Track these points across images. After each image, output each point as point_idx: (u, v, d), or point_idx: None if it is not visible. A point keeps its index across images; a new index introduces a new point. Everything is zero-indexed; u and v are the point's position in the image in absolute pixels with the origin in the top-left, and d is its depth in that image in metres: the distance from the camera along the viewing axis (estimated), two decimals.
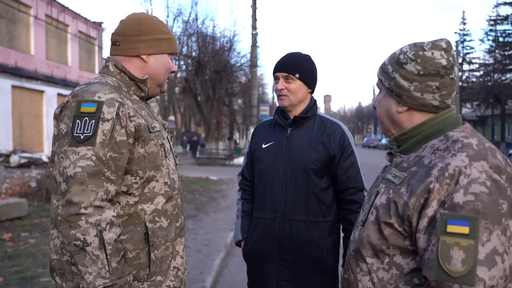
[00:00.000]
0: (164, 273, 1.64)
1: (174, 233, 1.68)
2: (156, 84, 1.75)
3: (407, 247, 1.19)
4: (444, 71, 1.24)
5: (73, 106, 1.49)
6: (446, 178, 1.11)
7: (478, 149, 1.16)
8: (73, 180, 1.41)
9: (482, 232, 1.04)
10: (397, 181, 1.25)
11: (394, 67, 1.30)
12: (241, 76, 28.13)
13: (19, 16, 20.23)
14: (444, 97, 1.26)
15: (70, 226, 1.40)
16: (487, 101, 40.06)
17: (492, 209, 1.06)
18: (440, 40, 1.28)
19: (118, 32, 1.69)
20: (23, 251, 5.24)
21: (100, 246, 1.40)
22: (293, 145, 2.22)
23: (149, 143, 1.59)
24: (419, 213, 1.14)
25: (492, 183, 1.09)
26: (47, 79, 21.66)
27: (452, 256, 1.04)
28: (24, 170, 14.62)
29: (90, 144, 1.43)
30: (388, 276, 1.22)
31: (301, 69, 2.21)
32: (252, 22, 20.54)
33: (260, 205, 2.28)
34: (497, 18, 40.08)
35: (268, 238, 2.23)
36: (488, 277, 1.02)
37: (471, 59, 46.13)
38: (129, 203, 1.56)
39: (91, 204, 1.41)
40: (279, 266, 2.21)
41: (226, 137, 36.53)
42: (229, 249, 6.00)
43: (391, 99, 1.33)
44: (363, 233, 1.30)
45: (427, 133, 1.27)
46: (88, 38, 26.71)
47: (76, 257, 1.40)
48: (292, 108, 2.25)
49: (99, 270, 1.40)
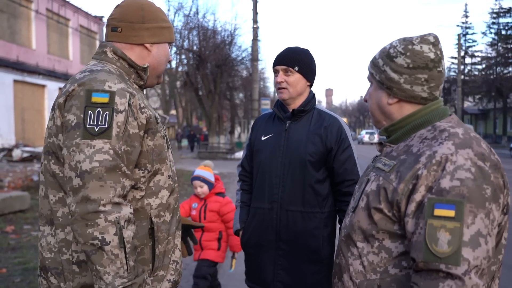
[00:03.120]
0: (166, 267, 1.59)
1: (175, 227, 1.63)
2: (156, 74, 1.68)
3: (396, 232, 1.24)
4: (432, 64, 1.30)
5: (82, 96, 1.38)
6: (433, 164, 1.17)
7: (464, 138, 1.22)
8: (90, 176, 1.31)
9: (467, 215, 1.10)
10: (386, 168, 1.30)
11: (384, 60, 1.36)
12: (242, 70, 28.15)
13: (20, 10, 20.23)
14: (432, 89, 1.32)
15: (87, 224, 1.30)
16: (489, 95, 39.96)
17: (476, 194, 1.12)
18: (428, 34, 1.33)
19: (119, 18, 1.58)
20: (26, 243, 5.31)
21: (120, 245, 1.32)
22: (291, 138, 2.26)
23: (156, 135, 1.52)
24: (408, 198, 1.20)
25: (477, 170, 1.15)
26: (48, 73, 21.69)
27: (438, 238, 1.10)
28: (27, 164, 14.69)
29: (106, 137, 1.34)
30: (378, 260, 1.28)
31: (300, 62, 2.25)
32: (253, 15, 20.50)
33: (258, 196, 2.32)
34: (500, 11, 39.89)
35: (265, 227, 2.28)
36: (472, 257, 1.08)
37: (473, 52, 45.96)
38: (136, 198, 1.49)
39: (110, 200, 1.32)
40: (276, 255, 2.26)
41: (228, 131, 36.57)
42: None
43: (381, 92, 1.38)
44: (353, 219, 1.35)
45: (416, 123, 1.33)
46: (89, 32, 26.70)
47: (93, 257, 1.31)
48: (291, 101, 2.29)
49: (117, 270, 1.32)
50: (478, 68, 44.64)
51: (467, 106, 48.61)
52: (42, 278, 1.52)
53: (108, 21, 1.62)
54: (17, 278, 4.14)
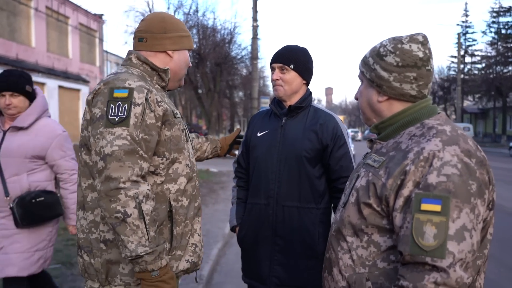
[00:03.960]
0: (184, 248, 1.78)
1: (193, 212, 1.82)
2: (177, 78, 1.91)
3: (385, 226, 1.27)
4: (421, 62, 1.33)
5: (106, 92, 1.62)
6: (421, 161, 1.20)
7: (451, 135, 1.25)
8: (111, 158, 1.52)
9: (453, 210, 1.13)
10: (376, 164, 1.33)
11: (374, 59, 1.39)
12: (242, 69, 28.12)
13: (19, 8, 20.22)
14: (421, 87, 1.35)
15: (111, 200, 1.50)
16: (488, 94, 39.96)
17: (462, 189, 1.15)
18: (417, 34, 1.36)
19: (144, 29, 1.82)
20: None
21: (140, 216, 1.51)
22: (287, 134, 2.29)
23: (173, 127, 1.73)
24: (396, 193, 1.23)
25: (463, 166, 1.18)
26: (48, 71, 21.69)
27: (425, 231, 1.13)
28: None
29: (124, 125, 1.55)
30: (367, 254, 1.31)
31: (296, 60, 2.28)
32: (253, 14, 20.47)
33: (254, 192, 2.34)
34: (500, 10, 39.88)
35: (261, 223, 2.29)
36: (457, 250, 1.11)
37: (473, 52, 45.95)
38: (156, 183, 1.69)
39: (129, 179, 1.52)
40: (272, 251, 2.28)
41: (227, 130, 36.57)
42: (227, 239, 6.08)
43: (372, 90, 1.42)
44: (344, 214, 1.38)
45: (405, 121, 1.36)
46: (88, 30, 26.68)
47: (117, 228, 1.51)
48: (287, 98, 2.32)
49: (139, 239, 1.51)
50: (478, 67, 44.61)
51: (466, 105, 48.60)
52: (79, 256, 1.76)
53: (135, 33, 1.86)
54: None
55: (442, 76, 50.77)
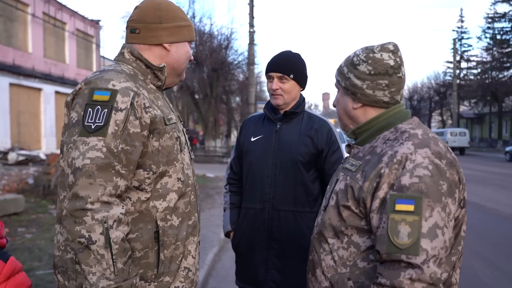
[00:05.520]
0: (173, 273, 1.55)
1: (186, 232, 1.59)
2: (176, 74, 1.67)
3: (363, 227, 1.32)
4: (392, 70, 1.39)
5: (86, 94, 1.40)
6: (394, 163, 1.26)
7: (423, 138, 1.32)
8: (80, 173, 1.31)
9: (425, 209, 1.19)
10: (353, 168, 1.39)
11: (349, 68, 1.45)
12: (238, 74, 28.19)
13: (16, 14, 20.25)
14: (393, 93, 1.41)
15: (75, 221, 1.30)
16: (484, 99, 40.20)
17: (433, 189, 1.21)
18: (388, 43, 1.43)
19: (137, 19, 1.58)
20: (20, 246, 5.33)
21: (105, 245, 1.30)
22: (283, 139, 2.31)
23: (164, 136, 1.50)
24: (372, 195, 1.28)
25: (434, 167, 1.24)
26: (44, 77, 21.69)
27: (399, 231, 1.18)
28: (22, 167, 14.67)
29: (101, 135, 1.34)
30: (347, 254, 1.35)
31: (295, 69, 2.30)
32: (250, 20, 20.55)
33: (249, 196, 2.35)
34: (495, 16, 40.18)
35: (257, 227, 2.31)
36: (430, 247, 1.16)
37: (468, 57, 46.25)
38: (141, 199, 1.47)
39: (98, 199, 1.31)
40: (268, 255, 2.29)
41: (224, 135, 36.58)
42: (222, 244, 6.09)
43: (347, 97, 1.48)
44: (325, 216, 1.43)
45: (380, 126, 1.42)
46: (85, 36, 26.72)
47: (79, 255, 1.30)
48: (284, 106, 2.34)
49: (103, 271, 1.29)
50: (473, 73, 44.89)
51: (462, 110, 48.80)
52: (55, 275, 1.53)
53: (128, 23, 1.62)
54: None
55: (438, 81, 51.04)
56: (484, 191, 11.77)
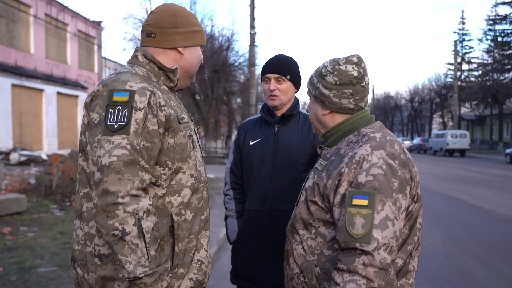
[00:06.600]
0: (187, 265, 1.63)
1: (199, 226, 1.66)
2: (188, 76, 1.77)
3: (328, 220, 1.48)
4: (356, 80, 1.54)
5: (105, 95, 1.48)
6: (353, 163, 1.42)
7: (380, 141, 1.48)
8: (108, 169, 1.39)
9: (378, 203, 1.35)
10: (320, 168, 1.56)
11: (317, 78, 1.61)
12: (239, 75, 28.31)
13: (19, 15, 20.39)
14: (357, 101, 1.57)
15: (108, 216, 1.37)
16: (485, 101, 40.14)
17: (386, 186, 1.37)
18: (352, 56, 1.58)
19: (153, 24, 1.66)
20: (22, 244, 5.42)
21: (139, 235, 1.38)
22: (282, 141, 2.38)
23: (178, 133, 1.58)
24: (334, 191, 1.44)
25: (387, 167, 1.40)
26: (46, 77, 21.82)
27: (355, 222, 1.34)
28: (24, 167, 14.77)
29: (124, 133, 1.42)
30: (315, 244, 1.52)
31: (291, 71, 2.38)
32: (251, 21, 20.65)
33: (250, 199, 2.42)
34: (496, 18, 40.18)
35: (255, 227, 2.38)
36: (381, 237, 1.32)
37: (470, 59, 46.24)
38: (157, 195, 1.55)
39: (128, 193, 1.39)
40: (265, 253, 2.36)
41: (225, 136, 36.67)
42: (221, 243, 6.16)
43: (317, 104, 1.64)
44: (296, 210, 1.60)
45: (345, 130, 1.59)
46: (87, 37, 26.86)
47: (115, 247, 1.38)
48: (281, 107, 2.41)
49: (138, 259, 1.38)
50: (474, 75, 44.87)
51: (463, 112, 48.78)
52: (73, 268, 1.62)
53: (143, 27, 1.71)
54: (13, 277, 4.26)
55: (439, 83, 51.07)
56: (483, 193, 11.83)
